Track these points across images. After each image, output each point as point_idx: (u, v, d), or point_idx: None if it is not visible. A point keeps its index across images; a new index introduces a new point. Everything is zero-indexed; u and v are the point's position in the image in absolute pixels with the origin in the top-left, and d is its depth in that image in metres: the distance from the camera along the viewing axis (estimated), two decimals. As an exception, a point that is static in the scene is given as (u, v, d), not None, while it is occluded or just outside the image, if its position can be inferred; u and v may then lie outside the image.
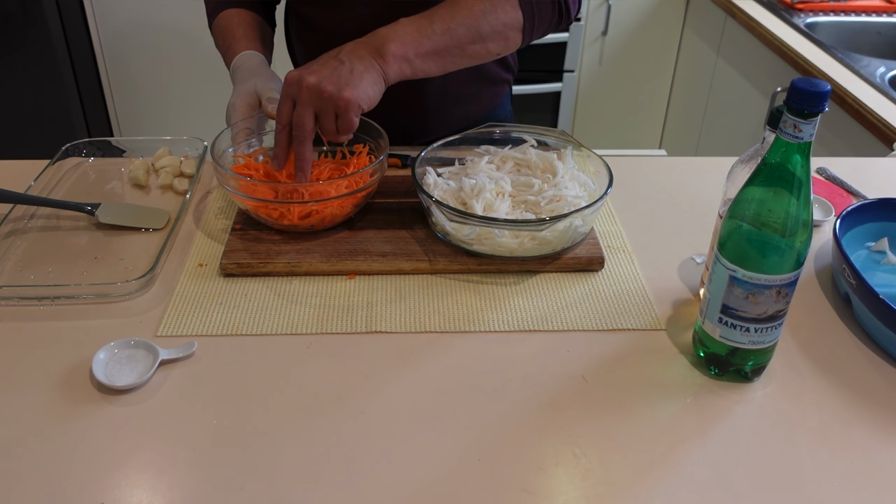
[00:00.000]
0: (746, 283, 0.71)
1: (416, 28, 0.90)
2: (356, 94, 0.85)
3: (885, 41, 2.12)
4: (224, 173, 0.91)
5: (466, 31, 0.92)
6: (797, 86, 0.64)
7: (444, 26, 0.91)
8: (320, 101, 0.85)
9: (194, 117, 2.60)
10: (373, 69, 0.87)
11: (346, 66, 0.86)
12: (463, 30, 0.92)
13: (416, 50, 0.89)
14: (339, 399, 0.73)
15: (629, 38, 2.67)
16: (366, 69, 0.86)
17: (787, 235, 0.69)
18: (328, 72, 0.85)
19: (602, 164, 0.96)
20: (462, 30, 0.92)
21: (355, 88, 0.85)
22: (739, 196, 0.71)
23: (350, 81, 0.85)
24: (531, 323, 0.83)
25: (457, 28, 0.91)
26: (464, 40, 0.92)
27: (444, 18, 0.91)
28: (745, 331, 0.73)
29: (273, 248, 0.91)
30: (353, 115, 0.86)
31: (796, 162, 0.66)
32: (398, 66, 0.89)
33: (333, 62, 0.86)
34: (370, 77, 0.86)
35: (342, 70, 0.85)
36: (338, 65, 0.86)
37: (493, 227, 0.86)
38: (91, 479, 0.65)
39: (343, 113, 0.85)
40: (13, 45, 2.28)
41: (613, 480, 0.66)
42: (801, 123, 0.65)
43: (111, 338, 0.78)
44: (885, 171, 1.18)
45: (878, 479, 0.67)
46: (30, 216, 0.99)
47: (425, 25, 0.90)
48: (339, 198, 0.90)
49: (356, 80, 0.85)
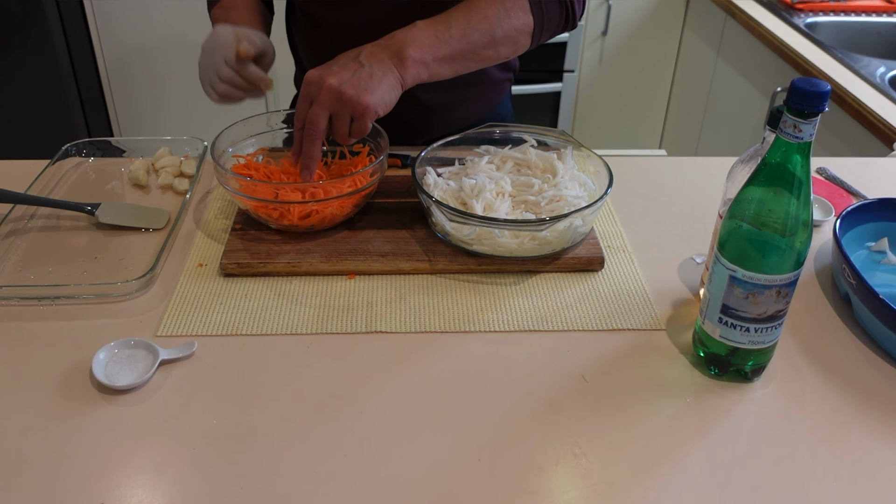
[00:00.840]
0: (746, 283, 0.71)
1: (433, 32, 0.90)
2: (374, 100, 0.85)
3: (885, 41, 2.12)
4: (224, 173, 0.91)
5: (481, 35, 0.92)
6: (797, 86, 0.64)
7: (460, 31, 0.91)
8: (338, 104, 0.85)
9: (194, 117, 2.60)
10: (391, 74, 0.87)
11: (366, 70, 0.85)
12: (478, 35, 0.92)
13: (433, 54, 0.90)
14: (339, 399, 0.73)
15: (629, 38, 2.67)
16: (384, 74, 0.86)
17: (787, 235, 0.69)
18: (348, 74, 0.85)
19: (602, 164, 0.96)
20: (477, 35, 0.92)
21: (374, 94, 0.85)
22: (739, 196, 0.71)
23: (369, 86, 0.85)
24: (531, 323, 0.83)
25: (472, 33, 0.92)
26: (478, 45, 0.93)
27: (460, 23, 0.91)
28: (746, 331, 0.73)
29: (273, 248, 0.91)
30: (368, 120, 0.86)
31: (796, 162, 0.66)
32: (416, 71, 0.89)
33: (354, 65, 0.86)
34: (388, 82, 0.86)
35: (362, 73, 0.85)
36: (358, 68, 0.85)
37: (493, 227, 0.86)
38: (91, 479, 0.65)
39: (359, 118, 0.85)
40: (13, 45, 2.28)
41: (613, 480, 0.66)
42: (801, 123, 0.64)
43: (111, 338, 0.79)
44: (885, 171, 1.18)
45: (878, 479, 0.67)
46: (30, 216, 0.99)
47: (442, 30, 0.90)
48: (340, 198, 0.90)
49: (375, 85, 0.85)
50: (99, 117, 2.56)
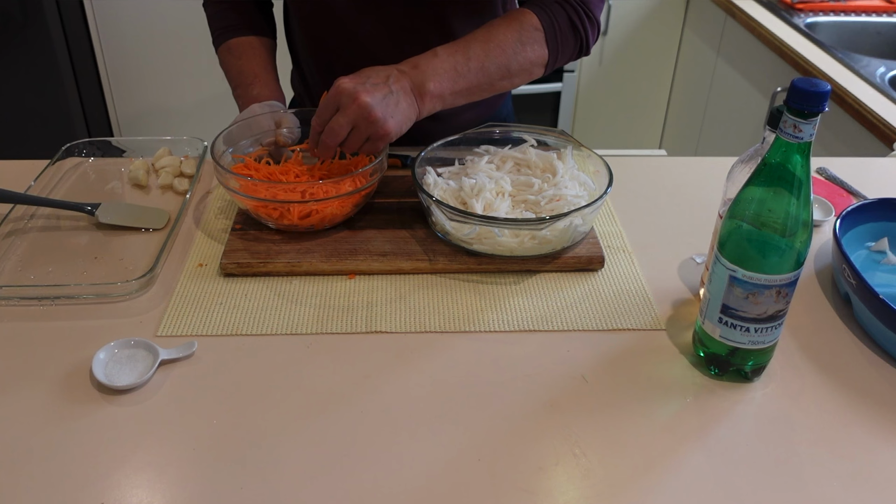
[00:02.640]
0: (746, 283, 0.71)
1: (453, 65, 0.92)
2: (395, 128, 0.88)
3: (885, 41, 2.12)
4: (224, 173, 0.91)
5: (497, 68, 0.94)
6: (797, 86, 0.64)
7: (478, 64, 0.93)
8: (364, 122, 0.86)
9: (194, 117, 2.60)
10: (412, 106, 0.90)
11: (393, 97, 0.87)
12: (494, 67, 0.94)
13: (451, 88, 0.92)
14: (338, 399, 0.73)
15: (629, 38, 2.67)
16: (408, 105, 0.89)
17: (787, 235, 0.69)
18: (380, 96, 0.86)
19: (602, 163, 0.96)
20: (494, 67, 0.94)
21: (397, 122, 0.88)
22: (739, 196, 0.71)
23: (395, 114, 0.87)
24: (531, 323, 0.83)
25: (489, 66, 0.94)
26: (494, 77, 0.95)
27: (478, 56, 0.93)
28: (746, 331, 0.73)
29: (273, 248, 0.91)
30: (383, 144, 0.89)
31: (796, 162, 0.66)
32: (432, 105, 0.92)
33: (384, 88, 0.87)
34: (407, 113, 0.89)
35: (391, 99, 0.87)
36: (388, 92, 0.87)
37: (492, 226, 0.86)
38: (91, 479, 0.65)
39: (376, 140, 0.88)
40: (13, 45, 2.28)
41: (613, 480, 0.66)
42: (801, 123, 0.64)
43: (111, 338, 0.79)
44: (885, 171, 1.18)
45: (878, 479, 0.67)
46: (30, 216, 0.99)
47: (461, 62, 0.92)
48: (339, 197, 0.90)
49: (399, 114, 0.88)
50: (99, 117, 2.56)
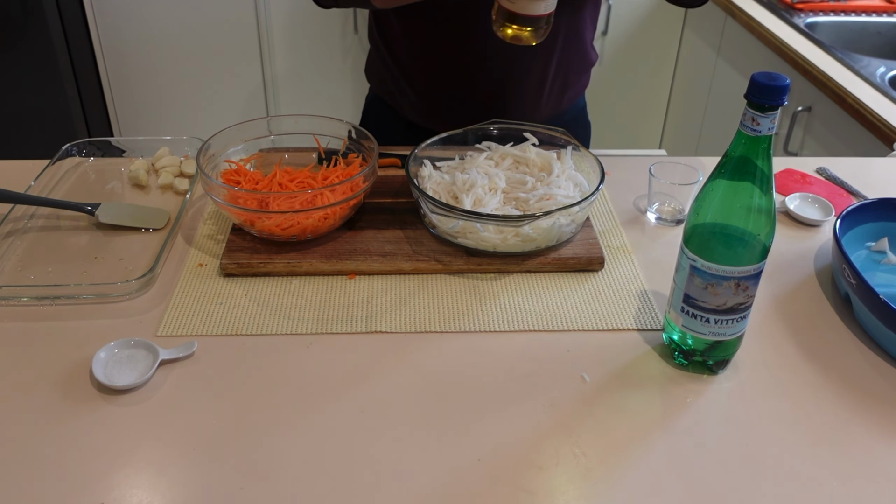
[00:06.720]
0: (705, 273, 0.71)
1: None
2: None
3: (885, 41, 2.12)
4: (208, 182, 0.89)
5: None
6: (756, 80, 0.64)
7: None
8: None
9: (194, 117, 2.60)
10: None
11: None
12: None
13: None
14: (338, 399, 0.73)
15: (629, 38, 2.67)
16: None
17: (747, 229, 0.69)
18: None
19: (595, 162, 0.96)
20: None
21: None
22: (704, 188, 0.72)
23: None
24: (531, 323, 0.83)
25: None
26: None
27: None
28: (706, 321, 0.73)
29: (273, 248, 0.91)
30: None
31: (756, 155, 0.67)
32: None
33: None
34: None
35: None
36: None
37: (474, 220, 0.87)
38: (91, 479, 0.65)
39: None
40: (13, 45, 2.28)
41: (613, 480, 0.66)
42: (759, 117, 0.65)
43: (111, 338, 0.79)
44: (885, 171, 1.18)
45: (878, 479, 0.67)
46: (30, 216, 0.99)
47: None
48: (323, 209, 0.88)
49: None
50: (99, 117, 2.56)
